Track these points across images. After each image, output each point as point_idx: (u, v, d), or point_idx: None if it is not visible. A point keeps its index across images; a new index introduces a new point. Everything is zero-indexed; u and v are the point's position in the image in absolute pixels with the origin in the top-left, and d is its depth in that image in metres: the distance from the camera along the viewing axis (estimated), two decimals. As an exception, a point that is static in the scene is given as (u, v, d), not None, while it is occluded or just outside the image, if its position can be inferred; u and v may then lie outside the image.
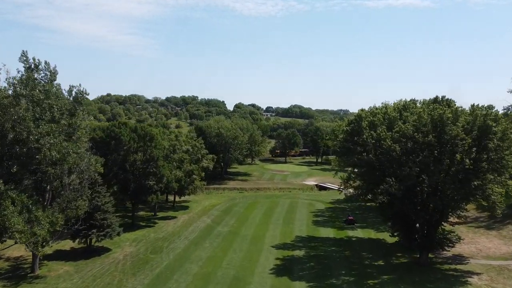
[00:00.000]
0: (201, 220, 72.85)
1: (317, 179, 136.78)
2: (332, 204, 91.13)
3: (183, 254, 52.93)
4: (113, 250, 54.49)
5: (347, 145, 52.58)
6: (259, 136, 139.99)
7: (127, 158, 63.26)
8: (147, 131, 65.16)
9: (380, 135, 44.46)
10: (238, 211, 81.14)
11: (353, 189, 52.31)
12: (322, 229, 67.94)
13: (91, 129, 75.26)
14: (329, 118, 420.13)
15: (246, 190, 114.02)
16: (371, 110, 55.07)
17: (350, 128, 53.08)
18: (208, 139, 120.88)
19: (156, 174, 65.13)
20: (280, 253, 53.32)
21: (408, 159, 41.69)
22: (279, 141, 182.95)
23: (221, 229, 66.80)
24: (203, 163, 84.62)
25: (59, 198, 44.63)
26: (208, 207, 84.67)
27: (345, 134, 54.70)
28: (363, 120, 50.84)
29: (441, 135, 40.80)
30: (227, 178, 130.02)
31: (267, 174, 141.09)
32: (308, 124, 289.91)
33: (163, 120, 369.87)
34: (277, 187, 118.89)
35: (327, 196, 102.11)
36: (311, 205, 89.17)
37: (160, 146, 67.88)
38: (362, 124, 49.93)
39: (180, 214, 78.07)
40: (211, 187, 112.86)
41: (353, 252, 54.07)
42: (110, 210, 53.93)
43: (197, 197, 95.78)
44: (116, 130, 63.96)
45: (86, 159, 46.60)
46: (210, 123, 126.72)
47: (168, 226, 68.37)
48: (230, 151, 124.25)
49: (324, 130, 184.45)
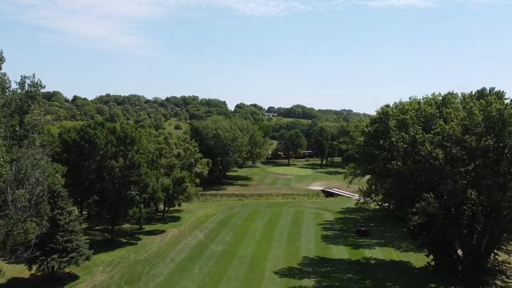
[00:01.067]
0: (193, 236, 63.00)
1: (323, 184, 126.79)
2: (342, 214, 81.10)
3: (165, 285, 43.02)
4: (81, 278, 44.67)
5: (369, 150, 42.35)
6: (260, 137, 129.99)
7: (104, 164, 53.45)
8: (127, 133, 55.37)
9: (416, 138, 34.46)
10: (236, 223, 71.26)
11: (376, 203, 42.30)
12: (334, 247, 57.91)
13: (66, 130, 65.75)
14: (333, 118, 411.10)
15: (246, 196, 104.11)
16: (399, 106, 44.56)
17: (374, 129, 42.72)
18: (205, 141, 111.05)
19: (139, 182, 55.35)
20: (285, 283, 43.30)
21: (453, 170, 31.75)
22: (282, 142, 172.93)
23: (215, 247, 56.93)
24: (196, 168, 74.75)
25: (2, 220, 34.93)
26: (202, 218, 74.81)
27: (366, 136, 44.40)
28: (389, 118, 40.55)
29: (499, 138, 30.88)
30: (226, 183, 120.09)
31: (269, 178, 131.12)
32: (311, 124, 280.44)
33: (162, 121, 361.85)
34: (279, 193, 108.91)
35: (336, 204, 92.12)
36: (319, 215, 79.19)
37: (144, 150, 58.13)
38: (389, 123, 39.74)
39: (170, 227, 68.24)
40: (208, 193, 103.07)
41: (374, 282, 43.94)
42: (77, 230, 44.15)
43: (191, 206, 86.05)
44: (90, 131, 54.21)
45: (39, 169, 36.86)
46: (207, 124, 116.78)
47: (154, 243, 58.55)
48: (229, 154, 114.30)
49: (329, 131, 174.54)
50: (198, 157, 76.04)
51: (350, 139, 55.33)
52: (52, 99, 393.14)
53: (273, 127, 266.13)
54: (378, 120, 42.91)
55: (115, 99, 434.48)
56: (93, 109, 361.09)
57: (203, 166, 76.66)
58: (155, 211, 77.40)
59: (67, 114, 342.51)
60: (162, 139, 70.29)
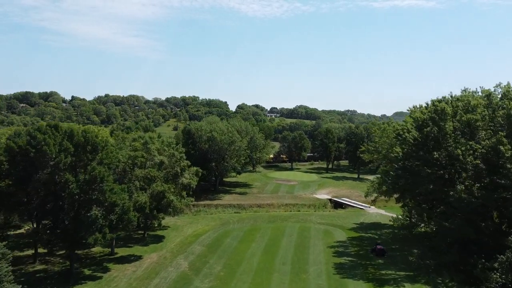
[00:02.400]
0: (175, 264, 50.96)
1: (330, 191, 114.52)
2: (356, 232, 68.75)
3: None
4: None
5: (413, 166, 29.84)
6: (261, 140, 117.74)
7: (54, 178, 41.54)
8: (88, 138, 43.40)
9: (497, 149, 21.98)
10: (229, 246, 59.14)
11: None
12: (351, 283, 45.61)
13: (16, 134, 53.78)
14: (337, 119, 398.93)
15: (244, 207, 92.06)
16: (459, 100, 31.07)
17: (423, 136, 29.70)
18: (198, 145, 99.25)
19: (102, 201, 43.39)
20: None
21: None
22: (284, 144, 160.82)
23: (200, 283, 44.81)
24: (183, 179, 62.73)
25: None
26: (190, 238, 62.80)
27: (407, 145, 31.77)
28: (446, 118, 27.69)
29: None
30: (222, 190, 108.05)
31: (270, 185, 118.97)
32: (315, 125, 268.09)
33: (161, 121, 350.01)
34: (282, 203, 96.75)
35: (347, 218, 79.81)
36: (328, 234, 66.96)
37: (112, 159, 46.18)
38: (445, 126, 27.05)
39: (149, 251, 56.32)
40: (201, 203, 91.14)
41: None
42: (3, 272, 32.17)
43: (179, 220, 74.13)
44: (38, 136, 42.22)
45: None
46: (201, 125, 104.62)
47: (123, 276, 46.55)
48: (225, 159, 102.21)
49: (336, 133, 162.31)
50: (185, 165, 63.93)
51: (375, 148, 42.88)
52: (49, 100, 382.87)
53: (275, 128, 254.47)
54: (429, 121, 29.96)
55: (114, 99, 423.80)
56: (90, 110, 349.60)
57: (192, 176, 64.56)
58: (137, 227, 65.35)
59: (62, 115, 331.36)
60: (140, 144, 58.27)
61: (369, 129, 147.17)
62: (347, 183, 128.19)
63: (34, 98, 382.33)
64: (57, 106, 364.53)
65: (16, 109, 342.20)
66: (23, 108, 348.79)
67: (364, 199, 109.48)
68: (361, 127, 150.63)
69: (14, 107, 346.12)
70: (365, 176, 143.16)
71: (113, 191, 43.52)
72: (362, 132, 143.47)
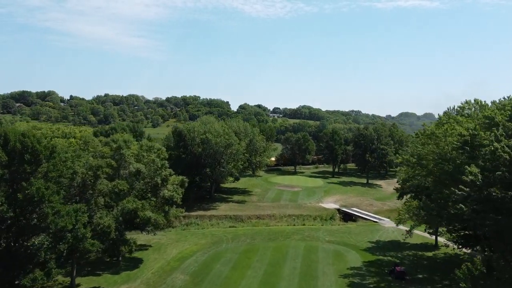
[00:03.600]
0: (147, 304, 40.19)
1: (337, 199, 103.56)
2: (372, 254, 57.70)
3: None
4: None
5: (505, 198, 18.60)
6: (261, 142, 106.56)
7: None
8: (26, 144, 32.57)
9: None
10: (219, 274, 48.18)
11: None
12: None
13: None
14: (341, 120, 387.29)
15: (242, 219, 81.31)
16: None
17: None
18: (190, 148, 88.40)
19: (44, 228, 32.61)
20: None
21: None
22: (287, 146, 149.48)
23: (175, 336, 34.00)
24: (164, 191, 51.83)
25: None
26: (172, 263, 51.96)
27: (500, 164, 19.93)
28: None
29: None
30: (219, 198, 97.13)
31: (271, 192, 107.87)
32: (319, 126, 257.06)
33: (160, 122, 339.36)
34: (284, 213, 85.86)
35: (359, 234, 68.75)
36: (339, 257, 55.98)
37: (62, 171, 35.36)
38: None
39: (120, 281, 45.53)
40: (193, 214, 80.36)
41: None
42: None
43: (165, 236, 63.58)
44: (-44, 142, 31.42)
45: None
46: (193, 126, 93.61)
47: (77, 324, 35.80)
48: (221, 164, 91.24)
49: (342, 134, 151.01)
50: (167, 174, 52.96)
51: (418, 160, 31.60)
52: (47, 99, 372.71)
53: (278, 128, 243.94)
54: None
55: (113, 99, 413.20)
56: (87, 110, 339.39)
57: (175, 188, 53.59)
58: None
59: (58, 115, 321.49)
60: (111, 149, 47.35)
61: (379, 130, 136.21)
62: (356, 190, 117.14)
63: (31, 97, 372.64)
64: (54, 105, 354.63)
65: (12, 109, 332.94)
66: (19, 108, 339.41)
67: (376, 209, 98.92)
68: (370, 128, 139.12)
69: (10, 107, 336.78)
70: (375, 181, 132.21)
71: (59, 214, 32.68)
72: (372, 134, 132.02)
